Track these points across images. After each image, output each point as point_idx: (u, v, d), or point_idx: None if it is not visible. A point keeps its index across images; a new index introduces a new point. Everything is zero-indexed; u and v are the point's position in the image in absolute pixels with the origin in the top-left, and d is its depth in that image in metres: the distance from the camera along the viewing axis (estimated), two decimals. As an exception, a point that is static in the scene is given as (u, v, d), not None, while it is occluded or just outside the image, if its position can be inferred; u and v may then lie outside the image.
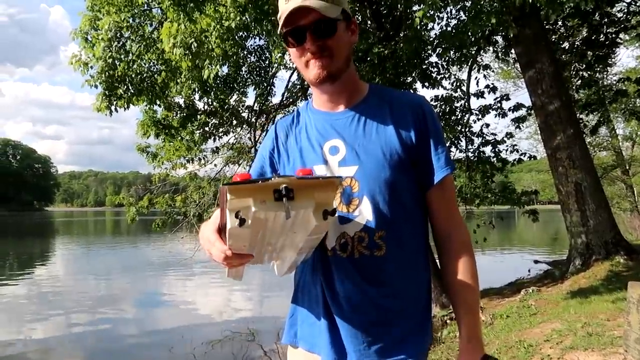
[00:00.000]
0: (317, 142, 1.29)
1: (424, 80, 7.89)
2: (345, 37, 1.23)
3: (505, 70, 18.04)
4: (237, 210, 0.91)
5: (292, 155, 1.33)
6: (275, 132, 1.40)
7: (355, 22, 1.29)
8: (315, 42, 1.18)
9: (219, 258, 1.02)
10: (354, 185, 1.22)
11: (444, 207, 1.27)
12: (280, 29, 1.22)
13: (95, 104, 7.27)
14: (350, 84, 1.29)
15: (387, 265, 1.21)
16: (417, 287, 1.27)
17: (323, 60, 1.20)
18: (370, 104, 1.29)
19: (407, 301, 1.24)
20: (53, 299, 11.26)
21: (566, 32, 10.20)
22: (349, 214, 1.22)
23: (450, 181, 1.28)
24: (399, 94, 1.34)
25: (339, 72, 1.23)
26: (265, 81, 9.74)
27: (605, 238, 7.53)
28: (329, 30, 1.18)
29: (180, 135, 9.01)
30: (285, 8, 1.18)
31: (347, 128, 1.27)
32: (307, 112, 1.37)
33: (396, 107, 1.27)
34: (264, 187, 0.92)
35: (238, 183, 0.91)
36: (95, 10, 7.30)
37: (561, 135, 7.82)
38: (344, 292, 1.22)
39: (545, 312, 5.79)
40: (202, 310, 9.93)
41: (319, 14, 1.15)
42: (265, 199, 0.91)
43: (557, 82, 8.01)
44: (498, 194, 9.62)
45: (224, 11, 5.84)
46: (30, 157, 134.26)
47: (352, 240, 1.21)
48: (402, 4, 6.58)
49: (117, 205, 11.33)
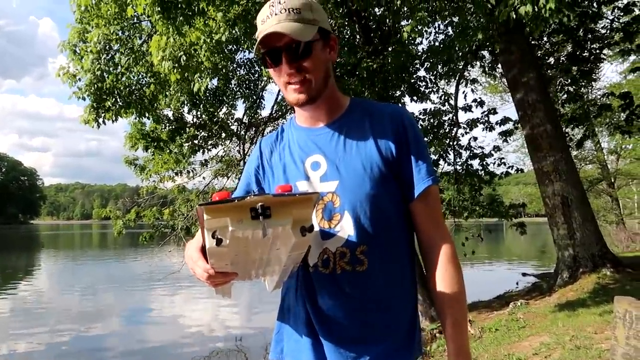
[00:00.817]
0: (299, 158, 1.28)
1: (413, 94, 7.98)
2: (322, 57, 1.22)
3: (492, 84, 18.27)
4: (214, 230, 0.92)
5: (276, 172, 1.33)
6: (260, 150, 1.40)
7: (335, 38, 1.28)
8: (290, 64, 1.18)
9: (202, 277, 1.03)
10: (335, 200, 1.21)
11: (428, 219, 1.25)
12: (257, 49, 1.21)
13: (83, 116, 7.23)
14: (330, 100, 1.29)
15: (370, 280, 1.19)
16: (401, 301, 1.25)
17: (300, 85, 1.20)
18: (351, 118, 1.29)
19: (391, 316, 1.22)
20: (37, 314, 11.05)
21: (551, 48, 10.39)
22: (330, 229, 1.21)
23: (434, 192, 1.25)
24: (379, 107, 1.32)
25: (318, 93, 1.23)
26: (254, 94, 9.76)
27: (592, 251, 7.59)
28: (303, 52, 1.17)
29: (169, 148, 8.97)
30: (260, 29, 1.18)
31: (327, 143, 1.27)
32: (291, 129, 1.37)
33: (376, 120, 1.26)
34: (241, 205, 0.91)
35: (214, 203, 0.91)
36: (85, 23, 7.28)
37: (547, 149, 7.92)
38: (327, 309, 1.21)
39: (533, 325, 5.80)
40: (189, 325, 9.80)
41: (292, 38, 1.15)
42: (242, 217, 0.91)
43: (543, 96, 8.13)
44: (486, 207, 9.71)
45: (214, 25, 5.86)
46: (16, 170, 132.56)
47: (333, 256, 1.20)
48: (391, 18, 6.67)
49: (104, 219, 11.22)
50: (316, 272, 1.22)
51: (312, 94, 1.22)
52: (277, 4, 1.17)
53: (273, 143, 1.39)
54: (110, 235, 31.29)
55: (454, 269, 1.22)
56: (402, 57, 6.33)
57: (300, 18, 1.16)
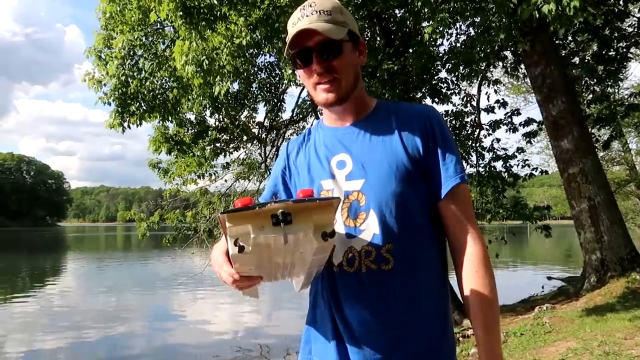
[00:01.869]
0: (325, 157, 1.29)
1: (434, 96, 7.91)
2: (352, 58, 1.24)
3: (516, 85, 18.00)
4: (236, 237, 0.93)
5: (301, 171, 1.34)
6: (287, 151, 1.42)
7: (364, 43, 1.30)
8: (321, 63, 1.19)
9: (228, 281, 1.06)
10: (361, 198, 1.21)
11: (457, 219, 1.22)
12: (287, 50, 1.23)
13: (108, 120, 7.38)
14: (358, 101, 1.30)
15: (395, 279, 1.17)
16: (429, 301, 1.22)
17: (330, 85, 1.21)
18: (377, 117, 1.29)
19: (418, 317, 1.19)
20: (64, 314, 11.29)
21: (576, 47, 10.19)
22: (355, 228, 1.21)
23: (464, 191, 1.23)
24: (406, 106, 1.33)
25: (347, 94, 1.24)
26: (275, 97, 9.81)
27: (621, 254, 7.40)
28: (334, 51, 1.19)
29: (192, 151, 9.09)
30: (291, 31, 1.20)
31: (353, 142, 1.27)
32: (318, 129, 1.39)
33: (402, 118, 1.26)
34: (262, 212, 0.93)
35: (235, 210, 0.92)
36: (109, 29, 7.45)
37: (573, 150, 7.76)
38: (351, 308, 1.20)
39: (560, 330, 5.68)
40: (212, 326, 9.89)
41: (323, 36, 1.17)
42: (264, 224, 0.93)
43: (568, 96, 7.98)
44: (510, 209, 9.54)
45: (235, 29, 5.92)
46: (43, 173, 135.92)
47: (359, 255, 1.19)
48: (412, 20, 6.63)
49: (128, 221, 11.41)
50: (341, 271, 1.21)
51: (341, 94, 1.23)
52: (308, 7, 1.20)
53: (300, 144, 1.41)
54: (135, 237, 31.80)
55: (485, 271, 1.19)
56: (424, 59, 6.28)
57: (332, 19, 1.18)
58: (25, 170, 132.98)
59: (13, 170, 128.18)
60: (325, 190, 1.26)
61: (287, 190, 1.38)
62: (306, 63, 1.22)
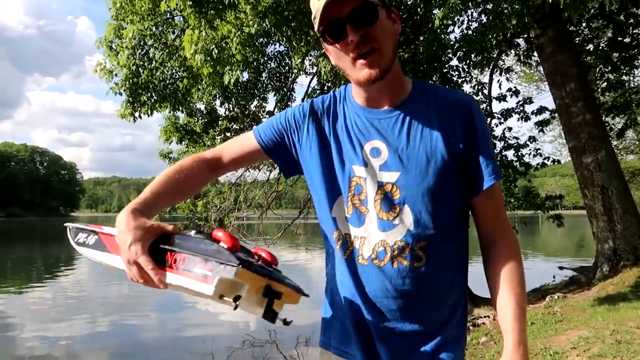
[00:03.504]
0: (358, 141, 1.20)
1: (445, 84, 7.84)
2: (388, 25, 1.13)
3: (528, 73, 17.78)
4: (230, 287, 0.90)
5: (328, 148, 1.24)
6: (310, 110, 1.29)
7: (396, 11, 1.18)
8: (357, 32, 1.07)
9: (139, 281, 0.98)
10: (395, 192, 1.15)
11: (491, 213, 1.21)
12: (318, 28, 1.13)
13: (120, 110, 7.43)
14: (395, 80, 1.19)
15: (427, 277, 1.16)
16: (457, 297, 1.22)
17: (370, 58, 1.10)
18: (415, 104, 1.19)
19: (446, 312, 1.20)
20: (77, 303, 11.46)
21: (591, 34, 10.02)
22: (389, 221, 1.15)
23: (498, 189, 1.20)
24: (445, 92, 1.23)
25: (389, 65, 1.13)
26: (285, 87, 9.79)
27: (634, 243, 7.33)
28: (370, 16, 1.08)
29: (202, 140, 9.12)
30: (319, 2, 1.09)
31: (390, 130, 1.18)
32: (346, 103, 1.26)
33: (442, 108, 1.17)
34: (261, 281, 0.94)
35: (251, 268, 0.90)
36: (120, 19, 7.47)
37: (586, 139, 7.67)
38: (379, 302, 1.18)
39: (571, 319, 5.65)
40: (223, 315, 9.97)
41: (355, 2, 1.06)
42: (258, 289, 0.95)
43: (582, 84, 7.87)
44: (521, 199, 9.45)
45: (244, 18, 5.90)
46: (56, 164, 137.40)
47: (391, 250, 1.15)
48: (422, 7, 6.56)
49: (140, 211, 11.45)
50: (370, 265, 1.17)
51: (384, 66, 1.11)
52: None
53: (325, 109, 1.28)
54: (146, 227, 31.89)
55: (516, 261, 1.17)
56: (434, 46, 6.22)
57: None
58: (38, 162, 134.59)
59: (27, 161, 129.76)
60: (357, 176, 1.19)
61: (291, 146, 1.29)
62: (339, 37, 1.10)
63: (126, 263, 0.98)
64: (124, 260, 0.98)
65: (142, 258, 0.96)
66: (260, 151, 1.31)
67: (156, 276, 0.95)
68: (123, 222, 1.00)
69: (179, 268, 0.93)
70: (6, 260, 21.19)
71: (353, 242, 1.19)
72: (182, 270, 0.93)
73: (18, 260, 21.62)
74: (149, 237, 0.98)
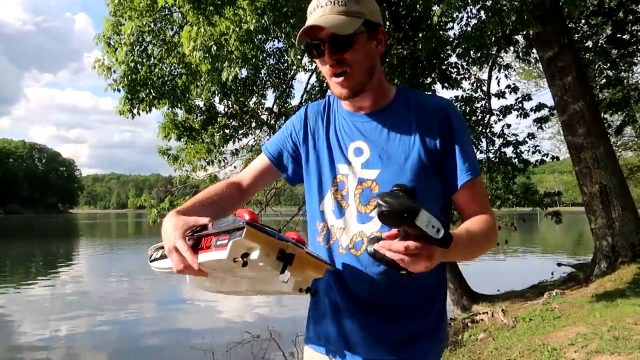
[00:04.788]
0: (344, 143, 1.32)
1: (444, 81, 7.83)
2: (366, 49, 1.23)
3: (527, 70, 17.77)
4: (243, 251, 0.96)
5: (320, 147, 1.36)
6: (306, 115, 1.42)
7: (384, 31, 1.28)
8: (332, 56, 1.19)
9: (182, 265, 1.03)
10: (374, 187, 1.24)
11: (472, 205, 1.26)
12: (304, 40, 1.23)
13: (118, 107, 7.41)
14: (375, 90, 1.29)
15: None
16: (432, 286, 1.28)
17: (343, 79, 1.21)
18: (396, 107, 1.30)
19: (421, 300, 1.26)
20: (77, 299, 11.47)
21: (589, 31, 10.01)
22: (366, 214, 1.24)
23: (479, 183, 1.27)
24: (425, 98, 1.34)
25: (361, 86, 1.24)
26: (284, 83, 9.77)
27: (632, 240, 7.34)
28: (345, 44, 1.19)
29: (201, 137, 9.11)
30: (307, 22, 1.21)
31: (372, 131, 1.29)
32: (337, 108, 1.39)
33: (421, 111, 1.28)
34: (276, 243, 0.98)
35: (257, 228, 0.96)
36: (118, 15, 7.43)
37: (585, 135, 7.67)
38: (355, 289, 1.25)
39: (569, 315, 5.67)
40: (222, 312, 10.00)
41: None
42: (270, 253, 0.98)
43: (580, 81, 7.86)
44: (520, 196, 9.47)
45: (243, 14, 5.88)
46: (55, 161, 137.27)
47: (367, 240, 1.22)
48: (421, 4, 6.54)
49: (138, 208, 11.50)
50: (347, 254, 1.25)
51: (355, 88, 1.23)
52: None
53: (319, 114, 1.40)
54: (145, 223, 31.98)
55: (488, 221, 1.23)
56: (433, 43, 6.22)
57: (345, 11, 1.17)
58: (37, 158, 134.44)
59: (25, 157, 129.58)
60: (341, 174, 1.29)
61: (295, 151, 1.40)
62: (320, 54, 1.22)
63: (167, 252, 1.06)
64: (166, 249, 1.06)
65: (179, 242, 1.04)
66: (271, 166, 1.44)
67: (190, 256, 1.02)
68: (166, 220, 1.11)
69: (208, 247, 1.02)
70: (5, 257, 21.18)
71: (335, 233, 1.29)
72: (208, 248, 1.02)
73: (17, 257, 21.61)
74: (185, 227, 1.07)
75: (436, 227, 0.92)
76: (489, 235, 1.21)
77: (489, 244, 1.23)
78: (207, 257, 1.00)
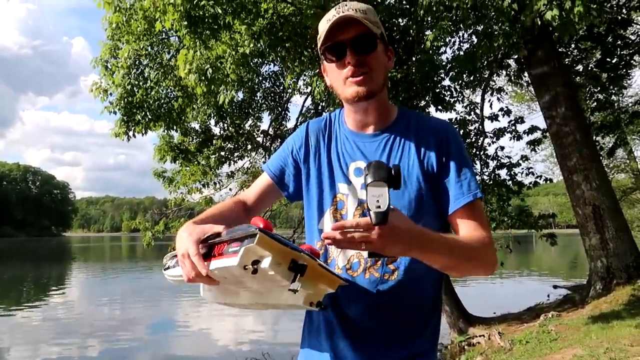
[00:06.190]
0: (344, 162, 1.32)
1: (438, 104, 7.92)
2: (383, 58, 1.25)
3: (519, 93, 18.02)
4: (254, 258, 0.94)
5: (321, 165, 1.35)
6: (307, 132, 1.41)
7: (392, 50, 1.31)
8: (355, 56, 1.20)
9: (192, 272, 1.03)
10: None
11: (470, 229, 1.21)
12: (320, 46, 1.24)
13: (114, 129, 7.44)
14: (381, 106, 1.30)
15: (398, 289, 1.21)
16: (427, 312, 1.27)
17: (361, 78, 1.21)
18: (397, 129, 1.30)
19: (414, 326, 1.24)
20: (69, 324, 11.29)
21: (580, 55, 10.21)
22: None
23: (477, 207, 1.23)
24: (425, 120, 1.35)
25: (377, 89, 1.24)
26: (279, 106, 9.87)
27: (627, 261, 7.35)
28: (369, 45, 1.21)
29: (197, 159, 9.13)
30: (328, 24, 1.20)
31: (373, 152, 1.29)
32: (339, 126, 1.38)
33: (421, 134, 1.28)
34: (289, 252, 0.96)
35: (271, 236, 0.94)
36: (115, 39, 7.53)
37: (577, 157, 7.74)
38: (350, 310, 1.24)
39: (565, 337, 5.64)
40: (215, 335, 9.86)
41: (361, 29, 1.18)
42: (282, 262, 0.96)
43: (572, 104, 7.97)
44: (515, 218, 9.50)
45: (239, 38, 5.98)
46: (49, 183, 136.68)
47: (364, 262, 1.22)
48: (415, 29, 6.67)
49: (133, 230, 11.43)
50: (344, 275, 1.24)
51: (372, 88, 1.22)
52: (344, 5, 1.21)
53: (320, 131, 1.40)
54: (139, 247, 31.79)
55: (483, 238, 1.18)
56: (427, 67, 6.31)
57: (367, 18, 1.20)
58: (31, 181, 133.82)
59: (19, 180, 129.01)
60: (341, 193, 1.29)
61: (296, 169, 1.39)
62: (339, 57, 1.22)
63: (180, 259, 1.06)
64: (179, 256, 1.06)
65: (191, 247, 1.04)
66: (273, 185, 1.43)
67: (199, 261, 1.02)
68: (181, 229, 1.11)
69: (221, 254, 1.02)
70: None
71: (332, 252, 1.28)
72: (220, 255, 1.02)
73: (9, 280, 21.33)
74: (199, 234, 1.06)
75: (381, 203, 0.91)
76: (480, 252, 1.17)
77: (480, 261, 1.18)
78: (219, 264, 1.00)
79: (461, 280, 14.18)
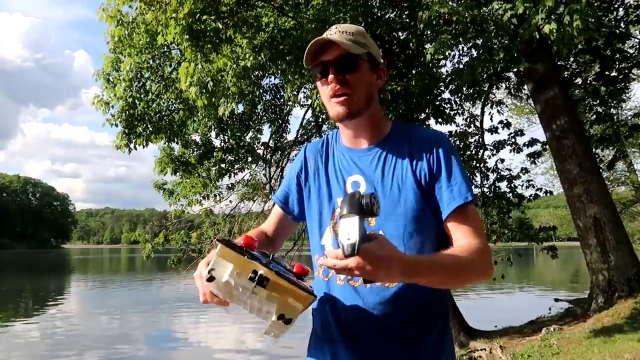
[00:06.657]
0: (342, 177, 1.36)
1: (438, 117, 7.95)
2: (367, 77, 1.30)
3: (519, 106, 18.09)
4: (213, 267, 1.02)
5: (320, 183, 1.41)
6: (305, 155, 1.49)
7: (384, 69, 1.37)
8: (336, 76, 1.26)
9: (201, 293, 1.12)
10: (371, 220, 1.26)
11: (464, 234, 1.22)
12: (307, 65, 1.32)
13: (115, 141, 7.46)
14: (372, 122, 1.35)
15: (397, 297, 1.23)
16: (429, 320, 1.27)
17: (342, 99, 1.26)
18: (391, 142, 1.34)
19: (417, 333, 1.25)
20: (68, 336, 11.21)
21: (578, 68, 10.26)
22: None
23: (470, 211, 1.23)
24: (418, 130, 1.39)
25: (358, 110, 1.29)
26: (280, 119, 9.92)
27: (628, 274, 7.32)
28: (350, 65, 1.26)
29: (197, 171, 9.15)
30: (313, 46, 1.28)
31: (368, 165, 1.33)
32: (335, 144, 1.44)
33: (414, 143, 1.32)
34: (247, 263, 1.02)
35: (230, 246, 1.01)
36: (117, 52, 7.59)
37: (577, 170, 7.75)
38: (351, 321, 1.26)
39: (567, 351, 5.60)
40: (215, 349, 9.79)
41: (342, 51, 1.24)
42: (242, 272, 1.01)
43: (571, 117, 8.00)
44: (515, 230, 9.48)
45: (240, 51, 6.02)
46: (49, 195, 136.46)
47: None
48: (414, 42, 6.72)
49: (132, 242, 11.43)
50: (345, 285, 1.27)
51: (352, 109, 1.28)
52: (334, 28, 1.31)
53: (318, 152, 1.47)
54: (139, 259, 31.66)
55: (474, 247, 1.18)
56: (427, 80, 6.34)
57: (353, 39, 1.27)
58: (31, 192, 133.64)
59: (19, 192, 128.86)
60: (339, 207, 1.32)
61: (299, 192, 1.46)
62: (323, 76, 1.29)
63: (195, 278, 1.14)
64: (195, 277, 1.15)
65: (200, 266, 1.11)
66: (284, 215, 1.50)
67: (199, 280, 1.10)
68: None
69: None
70: (-5, 292, 20.81)
71: None
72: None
73: (7, 292, 21.23)
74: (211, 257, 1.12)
75: (351, 235, 0.95)
76: (474, 262, 1.17)
77: (474, 272, 1.18)
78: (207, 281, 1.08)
79: (462, 293, 14.12)
